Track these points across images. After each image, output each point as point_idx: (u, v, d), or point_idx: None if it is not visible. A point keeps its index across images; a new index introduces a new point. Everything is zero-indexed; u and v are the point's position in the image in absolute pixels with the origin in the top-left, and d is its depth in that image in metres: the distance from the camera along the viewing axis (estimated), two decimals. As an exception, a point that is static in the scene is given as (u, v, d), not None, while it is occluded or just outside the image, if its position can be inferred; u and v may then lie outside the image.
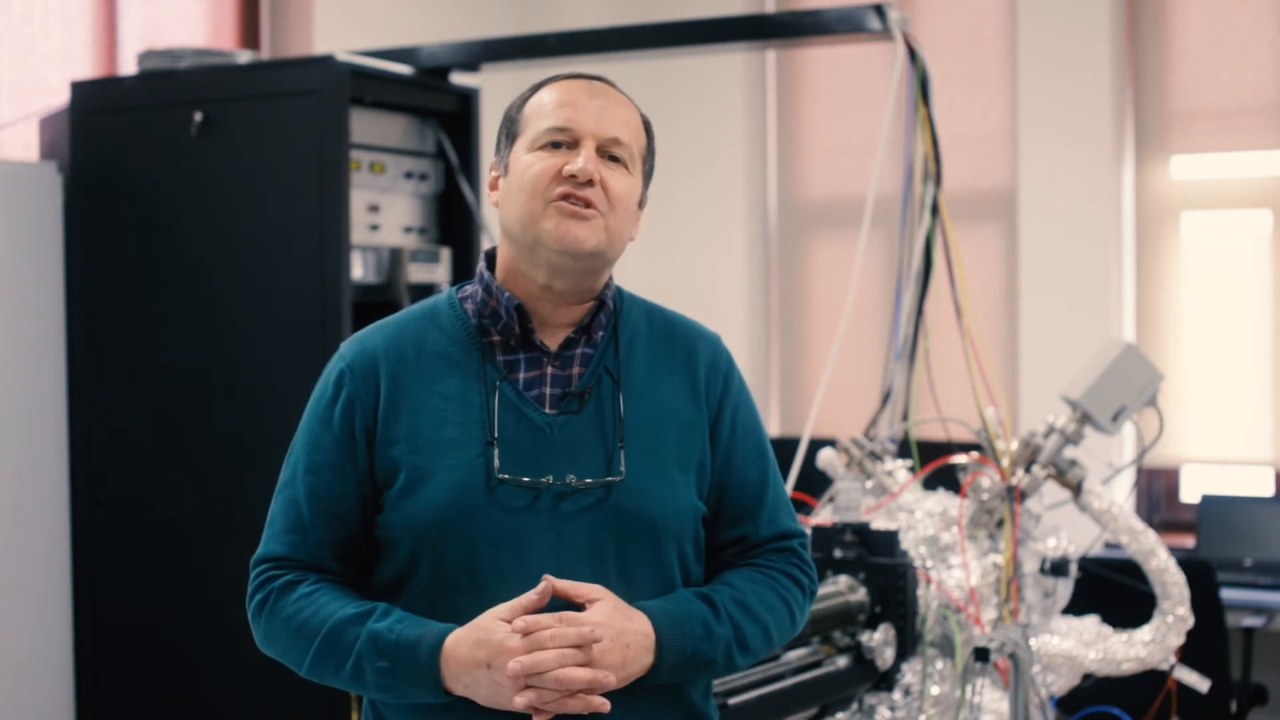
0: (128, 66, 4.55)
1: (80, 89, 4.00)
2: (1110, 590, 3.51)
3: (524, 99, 1.92)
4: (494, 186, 1.93)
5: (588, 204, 1.83)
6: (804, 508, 3.26)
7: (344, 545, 1.86)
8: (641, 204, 1.92)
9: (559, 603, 1.76)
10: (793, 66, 5.92)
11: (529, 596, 1.74)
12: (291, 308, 3.73)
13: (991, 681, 3.12)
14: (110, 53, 4.57)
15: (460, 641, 1.74)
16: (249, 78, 3.88)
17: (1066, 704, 3.80)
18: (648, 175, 1.93)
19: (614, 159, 1.86)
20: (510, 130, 1.91)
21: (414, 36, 4.70)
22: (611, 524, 1.82)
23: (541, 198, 1.83)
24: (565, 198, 1.82)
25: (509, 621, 1.72)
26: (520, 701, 1.70)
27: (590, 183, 1.83)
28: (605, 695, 1.74)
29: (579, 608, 1.76)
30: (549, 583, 1.75)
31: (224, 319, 3.81)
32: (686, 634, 1.81)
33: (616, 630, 1.75)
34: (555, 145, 1.85)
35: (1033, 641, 3.14)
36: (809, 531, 2.96)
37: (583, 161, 1.82)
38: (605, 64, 3.77)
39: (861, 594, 2.90)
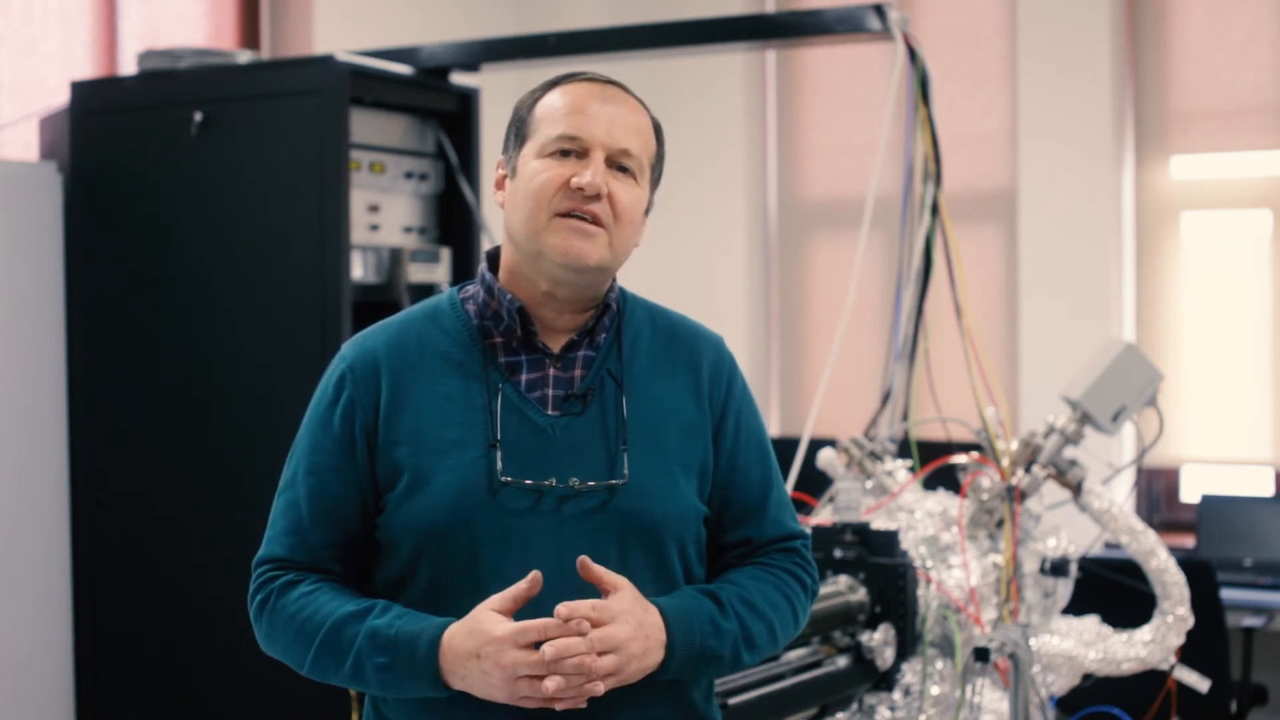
0: (128, 66, 4.55)
1: (80, 89, 4.00)
2: (1110, 590, 3.51)
3: (535, 99, 1.89)
4: (500, 185, 1.91)
5: (594, 219, 1.81)
6: (804, 508, 3.25)
7: (344, 547, 1.86)
8: (647, 211, 1.91)
9: (552, 595, 1.75)
10: (793, 66, 5.92)
11: (520, 586, 1.73)
12: (291, 308, 3.73)
13: (991, 681, 3.12)
14: (110, 53, 4.57)
15: (456, 633, 1.74)
16: (249, 78, 3.88)
17: (1066, 704, 3.80)
18: (655, 181, 1.92)
19: (623, 169, 1.84)
20: (520, 130, 1.88)
21: (414, 36, 4.69)
22: (614, 526, 1.82)
23: (547, 208, 1.82)
24: (571, 212, 1.81)
25: (499, 612, 1.72)
26: (550, 686, 1.68)
27: (597, 196, 1.81)
28: (612, 694, 1.74)
29: (590, 593, 1.75)
30: (582, 562, 1.74)
31: (224, 319, 3.81)
32: (695, 629, 1.81)
33: (638, 621, 1.75)
34: (564, 154, 1.83)
35: (1033, 641, 3.14)
36: (809, 531, 2.98)
37: (590, 175, 1.81)
38: (605, 64, 3.76)
39: (861, 594, 2.90)
